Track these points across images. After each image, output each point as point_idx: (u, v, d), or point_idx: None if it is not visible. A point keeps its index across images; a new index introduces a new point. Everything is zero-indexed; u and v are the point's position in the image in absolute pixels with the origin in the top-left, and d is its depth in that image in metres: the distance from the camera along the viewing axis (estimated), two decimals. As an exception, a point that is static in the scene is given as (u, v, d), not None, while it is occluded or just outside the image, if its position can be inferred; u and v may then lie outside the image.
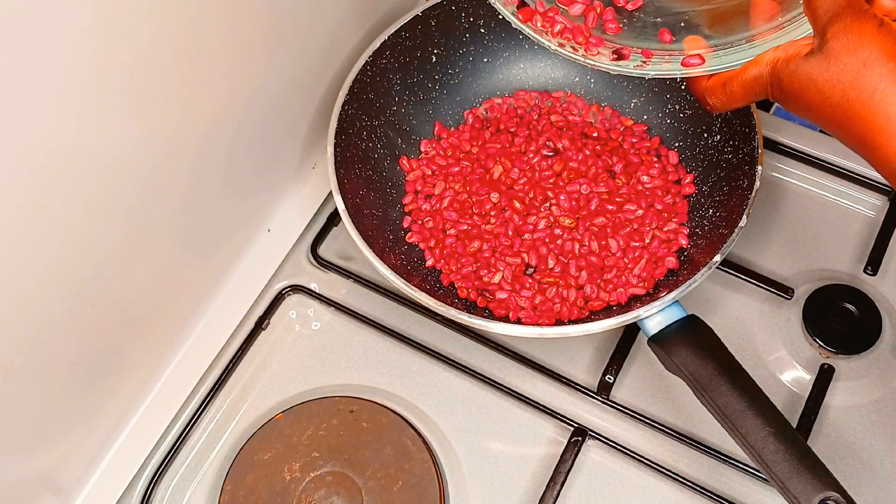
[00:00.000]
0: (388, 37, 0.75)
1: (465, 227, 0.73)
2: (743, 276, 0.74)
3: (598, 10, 0.59)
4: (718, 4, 0.59)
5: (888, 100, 0.46)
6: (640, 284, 0.70)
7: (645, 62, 0.57)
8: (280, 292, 0.76)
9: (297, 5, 0.68)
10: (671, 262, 0.70)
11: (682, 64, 0.56)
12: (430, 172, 0.77)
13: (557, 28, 0.58)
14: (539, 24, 0.58)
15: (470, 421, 0.71)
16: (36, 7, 0.46)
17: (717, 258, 0.64)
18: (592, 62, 0.57)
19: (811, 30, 0.50)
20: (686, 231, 0.72)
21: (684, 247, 0.71)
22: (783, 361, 0.72)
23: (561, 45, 0.58)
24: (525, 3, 0.59)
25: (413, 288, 0.66)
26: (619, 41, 0.59)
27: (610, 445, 0.68)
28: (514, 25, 0.58)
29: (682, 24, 0.59)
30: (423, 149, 0.79)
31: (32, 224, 0.53)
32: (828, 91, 0.48)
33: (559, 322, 0.69)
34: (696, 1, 0.59)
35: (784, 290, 0.73)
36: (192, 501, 0.69)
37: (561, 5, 0.59)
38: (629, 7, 0.60)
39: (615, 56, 0.57)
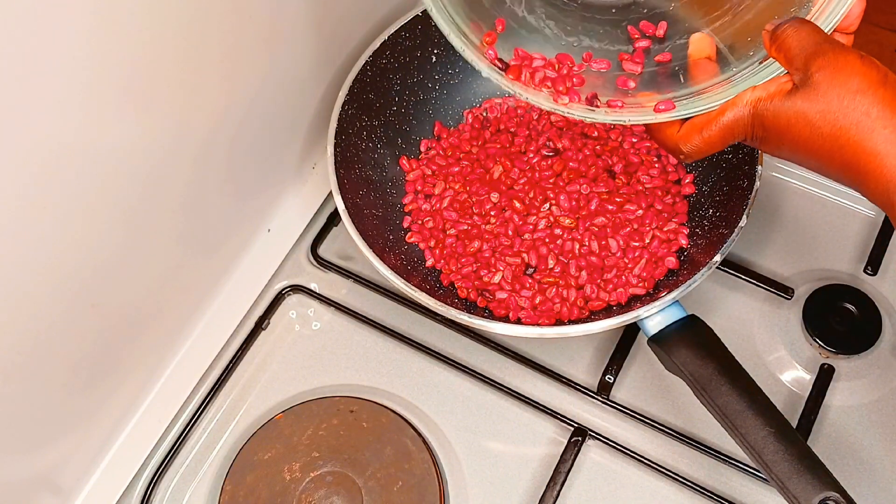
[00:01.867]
0: (388, 37, 0.75)
1: (465, 227, 0.73)
2: (743, 276, 0.74)
3: (563, 67, 0.61)
4: (654, 67, 0.61)
5: (881, 123, 0.47)
6: (640, 284, 0.70)
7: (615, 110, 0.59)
8: (280, 292, 0.76)
9: (298, 5, 0.68)
10: (671, 262, 0.70)
11: (654, 110, 0.56)
12: (430, 172, 0.77)
13: (539, 78, 0.60)
14: (525, 79, 0.60)
15: (470, 421, 0.71)
16: (36, 7, 0.46)
17: (717, 258, 0.64)
18: (568, 112, 0.58)
19: (770, 76, 0.51)
20: (686, 231, 0.72)
21: (684, 247, 0.71)
22: (783, 361, 0.72)
23: (535, 95, 0.59)
24: (506, 63, 0.60)
25: (413, 288, 0.66)
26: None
27: (610, 445, 0.68)
28: (484, 75, 0.59)
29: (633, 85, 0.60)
30: (423, 149, 0.79)
31: (32, 224, 0.53)
32: (818, 121, 0.48)
33: (559, 322, 0.69)
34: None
35: (784, 290, 0.73)
36: (192, 501, 0.69)
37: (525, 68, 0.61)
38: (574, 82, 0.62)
39: (587, 103, 0.59)
